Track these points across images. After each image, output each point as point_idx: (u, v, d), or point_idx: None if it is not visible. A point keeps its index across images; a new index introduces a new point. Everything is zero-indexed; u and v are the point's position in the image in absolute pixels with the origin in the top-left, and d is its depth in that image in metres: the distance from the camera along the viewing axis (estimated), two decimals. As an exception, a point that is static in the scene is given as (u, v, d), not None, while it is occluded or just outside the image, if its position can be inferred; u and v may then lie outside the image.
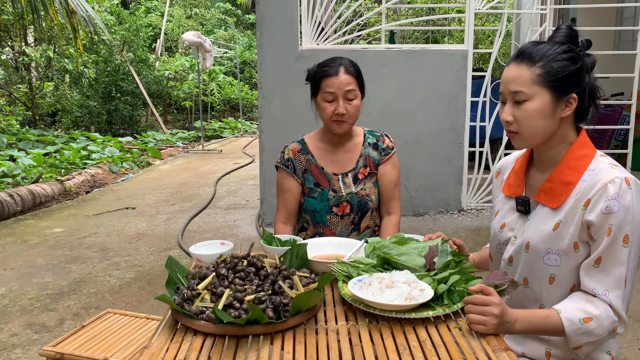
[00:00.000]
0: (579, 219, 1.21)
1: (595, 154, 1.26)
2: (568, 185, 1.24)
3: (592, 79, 1.25)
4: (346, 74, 1.81)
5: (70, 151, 7.99)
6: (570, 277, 1.26)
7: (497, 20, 12.33)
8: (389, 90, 4.48)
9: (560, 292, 1.28)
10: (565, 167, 1.26)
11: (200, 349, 1.07)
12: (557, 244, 1.25)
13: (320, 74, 1.85)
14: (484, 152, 4.61)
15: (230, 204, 5.55)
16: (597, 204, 1.18)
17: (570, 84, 1.22)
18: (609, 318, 1.17)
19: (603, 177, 1.19)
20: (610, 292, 1.17)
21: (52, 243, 4.28)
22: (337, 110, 1.82)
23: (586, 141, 1.27)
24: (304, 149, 1.97)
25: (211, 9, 19.84)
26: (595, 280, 1.19)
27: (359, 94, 1.86)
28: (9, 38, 10.44)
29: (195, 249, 1.55)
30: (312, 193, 1.94)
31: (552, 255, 1.26)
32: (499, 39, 4.50)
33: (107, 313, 2.07)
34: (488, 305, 1.12)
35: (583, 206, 1.20)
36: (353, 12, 4.73)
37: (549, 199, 1.27)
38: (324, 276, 1.27)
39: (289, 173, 1.95)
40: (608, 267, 1.18)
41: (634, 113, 4.81)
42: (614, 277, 1.17)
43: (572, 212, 1.23)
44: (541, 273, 1.29)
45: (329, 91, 1.82)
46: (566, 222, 1.24)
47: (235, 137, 12.42)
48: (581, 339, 1.18)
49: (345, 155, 1.95)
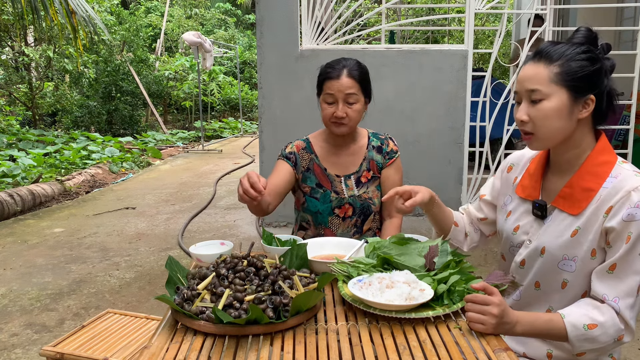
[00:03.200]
0: (598, 226, 1.19)
1: (617, 160, 1.24)
2: (589, 191, 1.21)
3: (610, 82, 1.22)
4: (348, 78, 1.80)
5: (70, 151, 7.99)
6: (584, 283, 1.25)
7: (497, 20, 12.33)
8: (389, 90, 4.48)
9: (571, 297, 1.27)
10: (586, 172, 1.23)
11: (200, 349, 1.07)
12: (574, 250, 1.23)
13: (324, 75, 1.85)
14: (484, 152, 4.61)
15: (230, 204, 5.55)
16: (619, 211, 1.16)
17: (588, 84, 1.19)
18: (614, 326, 1.15)
19: (627, 184, 1.17)
20: (621, 300, 1.15)
21: (52, 243, 4.28)
22: (335, 113, 1.81)
23: (606, 146, 1.24)
24: (309, 148, 1.96)
25: (211, 9, 19.84)
26: (607, 286, 1.17)
27: (362, 98, 1.85)
28: (9, 38, 10.43)
29: (195, 249, 1.55)
30: (314, 194, 1.93)
31: (568, 262, 1.24)
32: (499, 39, 4.50)
33: (107, 313, 2.07)
34: (488, 304, 1.12)
35: (604, 214, 1.18)
36: (353, 12, 4.73)
37: (568, 204, 1.25)
38: (324, 276, 1.27)
39: (287, 163, 1.92)
40: (622, 274, 1.16)
41: (634, 113, 4.81)
42: (626, 285, 1.16)
43: (592, 219, 1.21)
44: (554, 278, 1.28)
45: (329, 93, 1.82)
46: (585, 229, 1.22)
47: (235, 137, 12.42)
48: (584, 345, 1.16)
49: (348, 158, 1.95)
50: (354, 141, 1.96)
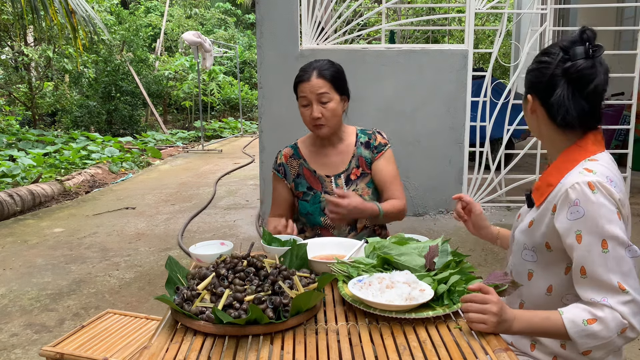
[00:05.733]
0: (549, 221, 1.23)
1: (586, 157, 1.24)
2: (549, 186, 1.27)
3: (565, 87, 1.21)
4: (318, 78, 1.80)
5: (70, 151, 7.99)
6: (546, 275, 1.28)
7: (497, 20, 12.33)
8: (389, 90, 4.48)
9: (537, 290, 1.30)
10: (554, 168, 1.28)
11: (200, 349, 1.07)
12: (530, 240, 1.29)
13: (296, 79, 1.87)
14: (484, 152, 4.61)
15: (230, 204, 5.55)
16: (562, 210, 1.19)
17: (527, 84, 1.31)
18: (615, 320, 1.11)
19: (567, 182, 1.19)
20: (609, 298, 1.12)
21: (52, 243, 4.28)
22: (311, 114, 1.82)
23: (583, 145, 1.25)
24: (297, 154, 1.99)
25: (211, 8, 19.85)
26: (589, 290, 1.15)
27: (335, 96, 1.84)
28: (8, 38, 10.43)
29: (195, 249, 1.55)
30: (305, 197, 1.95)
31: (529, 251, 1.31)
32: (499, 39, 4.50)
33: (107, 313, 2.07)
34: (487, 303, 1.12)
35: (552, 211, 1.22)
36: (353, 12, 4.73)
37: (536, 196, 1.32)
38: (324, 276, 1.27)
39: (279, 177, 2.00)
40: (595, 275, 1.14)
41: (634, 113, 4.81)
42: (607, 284, 1.13)
43: (544, 212, 1.26)
44: (521, 268, 1.33)
45: (302, 95, 1.84)
46: (538, 221, 1.27)
47: (235, 137, 12.42)
48: (586, 342, 1.13)
49: (337, 157, 1.95)
50: (341, 140, 1.96)
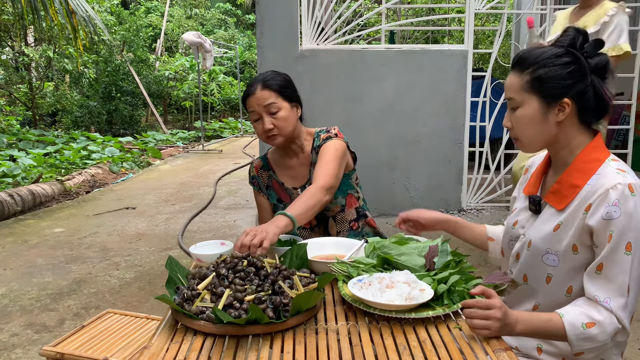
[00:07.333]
0: (579, 222, 1.21)
1: (607, 157, 1.24)
2: (574, 188, 1.24)
3: (597, 81, 1.22)
4: (263, 90, 1.76)
5: (70, 151, 7.99)
6: (567, 278, 1.26)
7: (497, 20, 12.33)
8: (389, 90, 4.48)
9: (556, 292, 1.28)
10: (575, 169, 1.25)
11: (200, 349, 1.07)
12: (556, 244, 1.25)
13: (243, 95, 1.84)
14: (484, 152, 4.61)
15: (230, 204, 5.55)
16: (598, 209, 1.17)
17: (560, 89, 1.21)
18: (611, 324, 1.15)
19: (606, 182, 1.18)
20: (612, 300, 1.16)
21: (52, 243, 4.28)
22: (263, 127, 1.78)
23: (599, 145, 1.26)
24: (266, 165, 1.97)
25: (211, 9, 19.85)
26: (597, 287, 1.18)
27: (285, 104, 1.79)
28: (9, 38, 10.43)
29: (195, 249, 1.55)
30: (276, 209, 1.93)
31: (551, 256, 1.27)
32: (499, 39, 4.50)
33: (107, 313, 2.07)
34: (490, 309, 1.11)
35: (584, 210, 1.20)
36: (353, 12, 4.73)
37: (556, 200, 1.28)
38: (324, 276, 1.27)
39: (256, 190, 2.00)
40: (610, 274, 1.17)
41: (634, 113, 4.81)
42: (616, 285, 1.16)
43: (573, 214, 1.23)
44: (539, 272, 1.30)
45: (251, 110, 1.80)
46: (566, 224, 1.24)
47: (235, 137, 12.42)
48: (583, 344, 1.17)
49: (300, 169, 1.92)
50: (302, 150, 1.91)
